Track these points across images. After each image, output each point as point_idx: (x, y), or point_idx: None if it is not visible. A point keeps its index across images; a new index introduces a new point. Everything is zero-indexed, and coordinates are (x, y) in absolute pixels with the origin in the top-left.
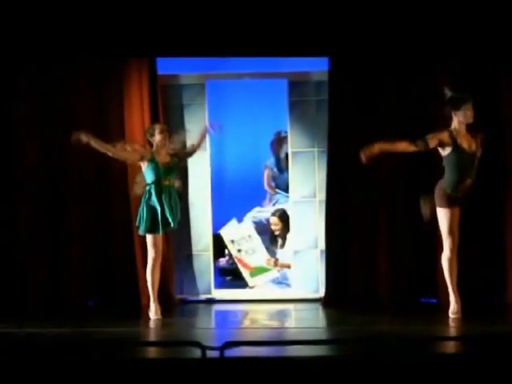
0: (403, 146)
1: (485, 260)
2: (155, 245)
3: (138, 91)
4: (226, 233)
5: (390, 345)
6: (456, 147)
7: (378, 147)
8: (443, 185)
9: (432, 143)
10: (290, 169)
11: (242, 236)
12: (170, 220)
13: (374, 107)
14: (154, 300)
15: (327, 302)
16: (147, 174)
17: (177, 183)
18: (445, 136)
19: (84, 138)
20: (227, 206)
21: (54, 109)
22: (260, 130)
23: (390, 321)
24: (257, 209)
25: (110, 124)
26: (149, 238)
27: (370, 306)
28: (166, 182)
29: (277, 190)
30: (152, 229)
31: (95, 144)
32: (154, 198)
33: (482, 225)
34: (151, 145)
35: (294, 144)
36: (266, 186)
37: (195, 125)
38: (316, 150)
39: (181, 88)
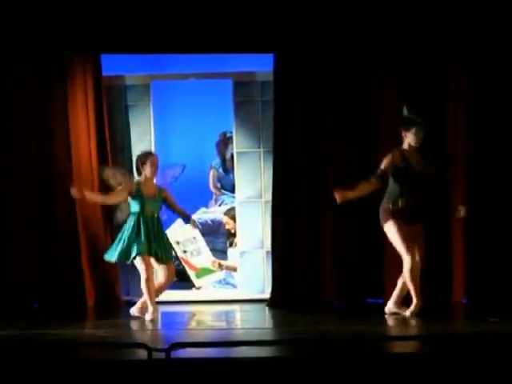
0: (367, 189)
1: (430, 259)
2: (146, 266)
3: (82, 92)
4: (172, 234)
5: (336, 345)
6: (406, 166)
7: (350, 195)
8: (385, 202)
9: (387, 170)
10: (236, 169)
11: (187, 237)
12: (151, 249)
13: (319, 107)
14: (152, 304)
15: (273, 302)
16: (132, 203)
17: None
18: (396, 157)
19: (79, 195)
20: None
21: None
22: (205, 131)
23: (336, 321)
24: (202, 209)
25: (55, 124)
26: (138, 261)
27: (316, 306)
28: (149, 213)
29: (222, 191)
30: (127, 255)
31: (90, 197)
32: (134, 227)
33: (427, 225)
34: (139, 171)
35: (240, 144)
36: (211, 187)
37: (140, 126)
38: (262, 150)
39: (125, 89)
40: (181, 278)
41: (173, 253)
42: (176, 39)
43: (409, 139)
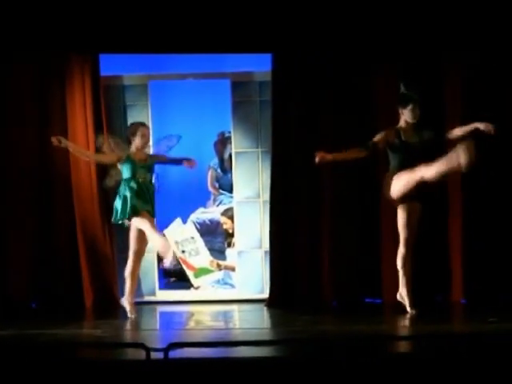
0: (354, 154)
1: (428, 259)
2: (139, 236)
3: (80, 92)
4: (170, 233)
5: (334, 345)
6: (400, 143)
7: (331, 156)
8: (389, 173)
9: (380, 145)
10: (234, 169)
11: (185, 237)
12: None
13: (317, 107)
14: (129, 297)
15: (272, 302)
16: (123, 170)
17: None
18: (391, 135)
19: (62, 144)
20: (171, 206)
21: None
22: (203, 131)
23: (334, 321)
24: (200, 209)
25: (53, 124)
26: (133, 230)
27: (314, 306)
28: (142, 179)
29: (220, 191)
30: (131, 213)
31: (71, 149)
32: (128, 192)
33: (425, 224)
34: (129, 142)
35: (238, 144)
36: (209, 187)
37: None
38: (260, 150)
39: (123, 89)
40: (179, 278)
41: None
42: (174, 39)
43: (405, 116)
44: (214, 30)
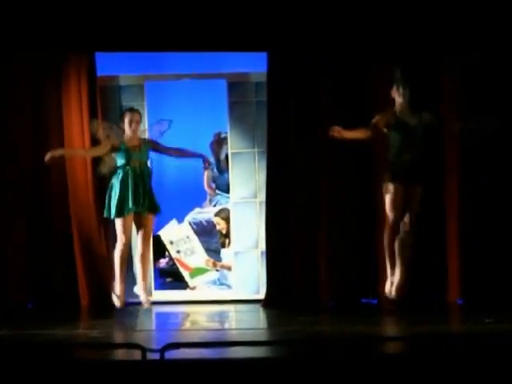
0: (360, 133)
1: (425, 258)
2: (125, 229)
3: (76, 92)
4: (165, 234)
5: (331, 345)
6: (398, 124)
7: (343, 134)
8: (388, 156)
9: (381, 125)
10: (230, 170)
11: (180, 237)
12: (138, 202)
13: (313, 107)
14: (121, 282)
15: (268, 303)
16: (117, 158)
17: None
18: (388, 115)
19: (56, 153)
20: (167, 207)
21: None
22: (199, 131)
23: (331, 322)
24: (197, 210)
25: (49, 125)
26: (118, 222)
27: (311, 306)
28: (136, 164)
29: (217, 191)
30: (121, 212)
31: (68, 153)
32: (122, 180)
33: (422, 222)
34: (123, 130)
35: (234, 145)
36: (205, 187)
37: None
38: (256, 150)
39: (120, 89)
40: (175, 279)
41: (158, 206)
42: (169, 37)
43: (397, 98)
44: (209, 28)
